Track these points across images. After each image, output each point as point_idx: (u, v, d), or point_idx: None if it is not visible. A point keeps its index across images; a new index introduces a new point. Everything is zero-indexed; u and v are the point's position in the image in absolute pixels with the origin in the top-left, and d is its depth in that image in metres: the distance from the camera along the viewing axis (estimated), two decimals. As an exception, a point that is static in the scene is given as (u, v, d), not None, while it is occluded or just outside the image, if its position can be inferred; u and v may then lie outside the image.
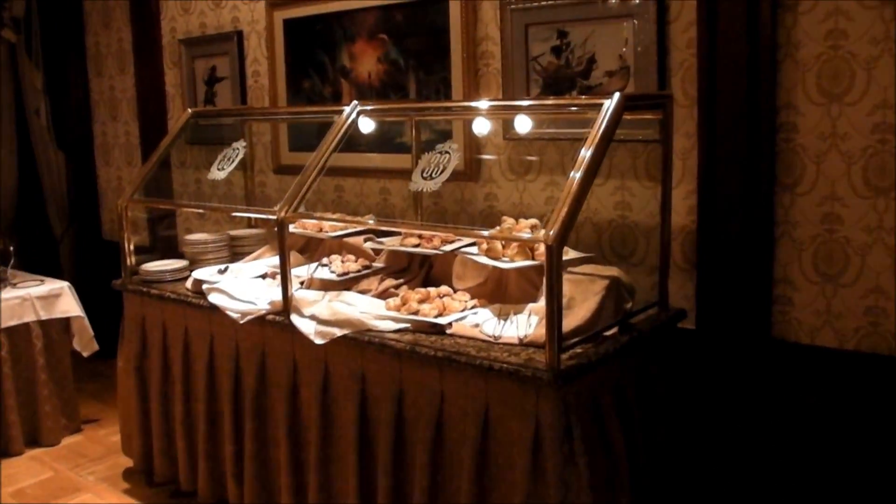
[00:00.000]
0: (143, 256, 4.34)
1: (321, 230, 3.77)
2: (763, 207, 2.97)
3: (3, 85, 6.01)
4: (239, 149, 3.68)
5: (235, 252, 4.22)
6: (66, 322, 4.78)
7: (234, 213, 3.81)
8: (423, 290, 3.13)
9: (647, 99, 3.05)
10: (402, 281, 3.39)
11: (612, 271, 2.97)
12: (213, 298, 3.48)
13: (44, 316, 4.65)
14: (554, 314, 2.48)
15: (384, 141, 4.04)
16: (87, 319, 4.79)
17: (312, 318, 3.11)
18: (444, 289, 3.19)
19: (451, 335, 2.86)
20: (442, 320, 2.92)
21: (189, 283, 3.74)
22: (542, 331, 2.69)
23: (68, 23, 6.01)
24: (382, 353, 2.89)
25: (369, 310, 3.08)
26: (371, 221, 3.46)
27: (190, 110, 4.19)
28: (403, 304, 3.06)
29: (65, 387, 4.79)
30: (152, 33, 5.28)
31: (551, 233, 2.47)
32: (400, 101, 3.98)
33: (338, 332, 2.99)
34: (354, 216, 4.01)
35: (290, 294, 3.21)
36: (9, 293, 4.52)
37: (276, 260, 3.45)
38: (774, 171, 2.95)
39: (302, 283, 3.49)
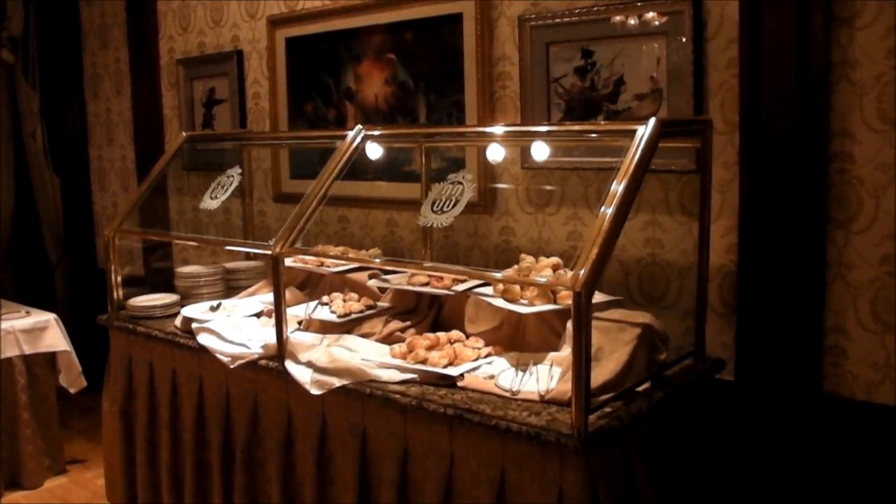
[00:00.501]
0: (134, 289, 4.06)
1: (322, 264, 3.48)
2: (813, 247, 2.66)
3: (0, 107, 5.78)
4: (234, 176, 3.39)
5: (231, 286, 3.92)
6: (51, 357, 4.49)
7: (227, 248, 3.51)
8: (431, 335, 2.82)
9: (683, 125, 2.75)
10: (408, 323, 3.07)
11: (644, 317, 2.65)
12: (203, 339, 3.18)
13: (28, 350, 4.38)
14: (582, 370, 2.16)
15: (391, 169, 3.75)
16: (74, 354, 4.50)
17: (309, 364, 2.80)
18: (456, 334, 2.87)
19: (463, 388, 2.55)
20: (452, 371, 2.61)
21: (178, 321, 3.44)
22: (567, 386, 2.38)
23: (66, 43, 5.78)
24: (386, 408, 2.58)
25: (372, 357, 2.77)
26: (377, 260, 3.14)
27: (184, 134, 3.91)
28: (410, 351, 2.74)
29: (49, 426, 4.50)
30: (150, 53, 5.02)
31: (580, 275, 2.15)
32: (409, 125, 3.69)
33: (336, 382, 2.68)
34: (359, 249, 3.71)
35: (284, 337, 2.90)
36: None
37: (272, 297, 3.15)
38: (826, 206, 2.63)
39: (300, 323, 3.19)
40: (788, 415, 2.74)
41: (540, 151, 3.09)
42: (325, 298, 3.32)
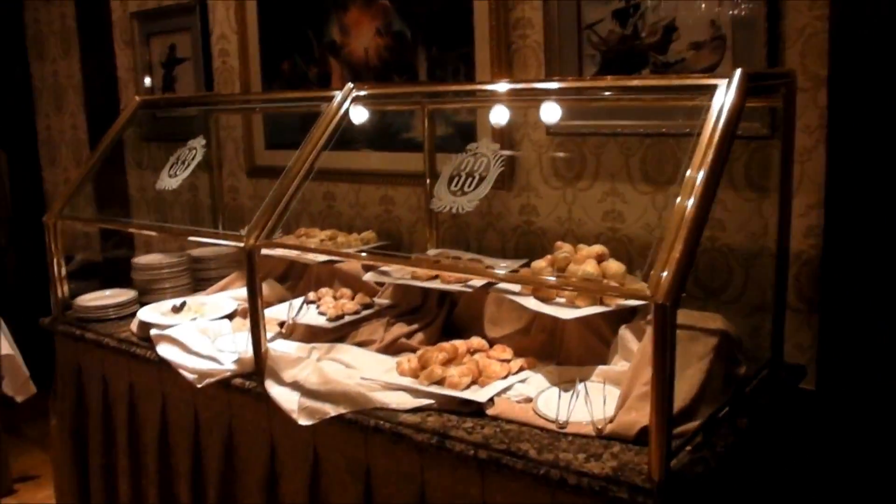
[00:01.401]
0: (88, 283, 3.49)
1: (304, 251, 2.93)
2: (921, 229, 2.13)
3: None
4: (196, 148, 2.81)
5: (199, 278, 3.33)
6: (-7, 361, 3.89)
7: (191, 238, 2.94)
8: (447, 345, 2.26)
9: (765, 79, 2.19)
10: (415, 326, 2.52)
11: (717, 321, 2.11)
12: (163, 350, 2.61)
13: (-36, 355, 3.77)
14: (664, 403, 1.62)
15: (386, 136, 3.18)
16: (19, 357, 3.91)
17: (295, 386, 2.24)
18: (477, 342, 2.33)
19: (495, 418, 2.00)
20: (479, 395, 2.06)
21: (134, 326, 2.86)
22: (630, 416, 1.86)
23: (3, -2, 5.10)
24: (397, 444, 2.03)
25: (374, 374, 2.22)
26: (363, 254, 2.56)
27: (138, 98, 3.29)
28: (422, 367, 2.19)
29: (-8, 440, 3.92)
30: (100, 7, 4.37)
31: (662, 279, 1.61)
32: (407, 83, 3.09)
33: (331, 410, 2.13)
34: (349, 233, 3.14)
35: (263, 350, 2.34)
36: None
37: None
38: (941, 178, 2.10)
39: (281, 325, 2.63)
40: (883, 431, 2.23)
41: (570, 113, 2.54)
42: (311, 295, 2.77)
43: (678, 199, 1.73)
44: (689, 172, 1.76)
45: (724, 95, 1.85)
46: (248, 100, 3.58)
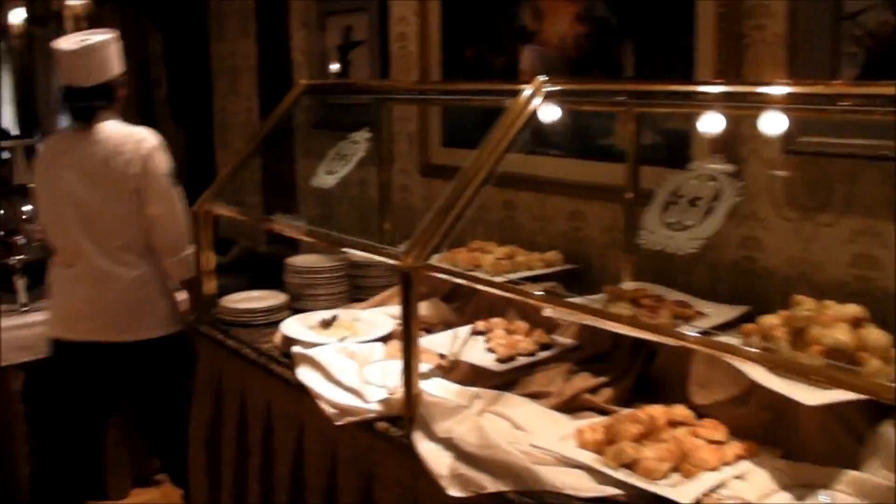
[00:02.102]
0: (242, 278, 3.27)
1: (477, 265, 2.53)
2: None
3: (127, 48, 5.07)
4: (359, 142, 2.46)
5: (357, 285, 3.00)
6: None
7: (343, 249, 2.60)
8: (643, 415, 1.78)
9: None
10: (603, 380, 2.04)
11: None
12: (303, 375, 2.27)
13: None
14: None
15: (581, 140, 2.72)
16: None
17: (448, 443, 1.83)
18: (681, 412, 1.84)
19: (703, 528, 1.51)
20: (681, 493, 1.57)
21: (278, 339, 2.55)
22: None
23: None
24: (569, 545, 1.58)
25: (547, 441, 1.78)
26: (539, 293, 2.08)
27: (303, 82, 2.98)
28: (610, 441, 1.73)
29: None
30: (280, -17, 4.15)
31: None
32: (610, 80, 2.61)
33: (489, 484, 1.70)
34: (530, 251, 2.70)
35: (414, 392, 1.95)
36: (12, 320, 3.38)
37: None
38: None
39: (442, 357, 2.23)
40: None
41: (815, 127, 2.00)
42: (480, 324, 2.36)
43: None
44: None
45: None
46: (423, 90, 3.20)
